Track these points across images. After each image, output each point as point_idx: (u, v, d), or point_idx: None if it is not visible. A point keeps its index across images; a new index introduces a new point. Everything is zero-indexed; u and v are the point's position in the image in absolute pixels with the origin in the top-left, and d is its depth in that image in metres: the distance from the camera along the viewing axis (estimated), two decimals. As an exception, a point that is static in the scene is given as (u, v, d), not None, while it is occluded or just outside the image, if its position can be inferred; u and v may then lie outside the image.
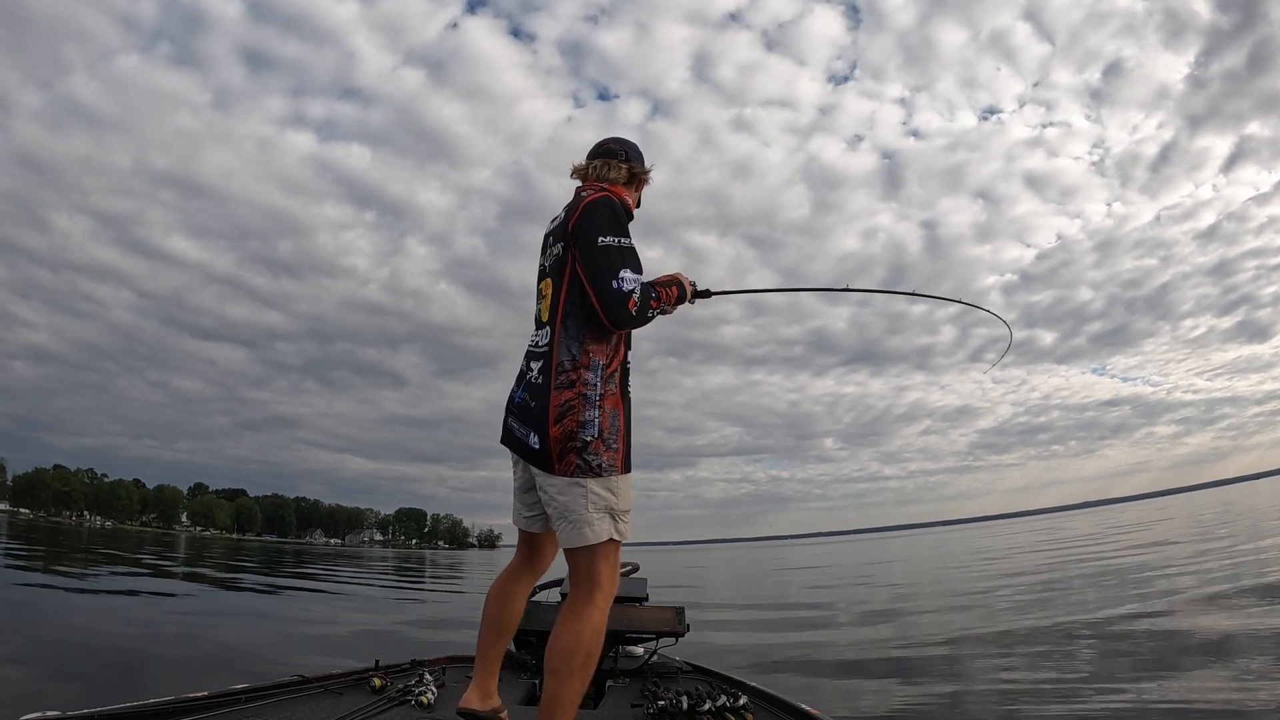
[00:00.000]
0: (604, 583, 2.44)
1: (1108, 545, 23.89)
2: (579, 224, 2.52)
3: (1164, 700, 4.83)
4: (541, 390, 2.47)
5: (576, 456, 2.40)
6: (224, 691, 3.04)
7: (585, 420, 2.41)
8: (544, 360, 2.51)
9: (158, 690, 3.06)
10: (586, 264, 2.47)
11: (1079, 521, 65.78)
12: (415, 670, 3.78)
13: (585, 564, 2.44)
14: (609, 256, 2.43)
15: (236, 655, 7.43)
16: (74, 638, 7.75)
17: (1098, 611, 9.10)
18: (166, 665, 6.73)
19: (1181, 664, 5.80)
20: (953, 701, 5.43)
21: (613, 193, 2.64)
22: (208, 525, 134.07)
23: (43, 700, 4.75)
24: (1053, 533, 45.26)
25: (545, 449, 2.42)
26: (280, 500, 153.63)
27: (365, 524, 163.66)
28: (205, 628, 9.52)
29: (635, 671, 4.20)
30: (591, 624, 2.39)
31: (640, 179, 2.85)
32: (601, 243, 2.45)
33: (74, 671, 6.04)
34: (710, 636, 9.04)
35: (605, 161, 2.79)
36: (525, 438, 2.51)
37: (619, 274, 2.41)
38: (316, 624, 11.24)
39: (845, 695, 5.86)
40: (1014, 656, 6.83)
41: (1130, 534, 29.97)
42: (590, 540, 2.40)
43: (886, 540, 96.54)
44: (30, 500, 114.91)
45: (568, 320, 2.50)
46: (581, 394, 2.43)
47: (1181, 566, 13.91)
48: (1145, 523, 40.88)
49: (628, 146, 2.86)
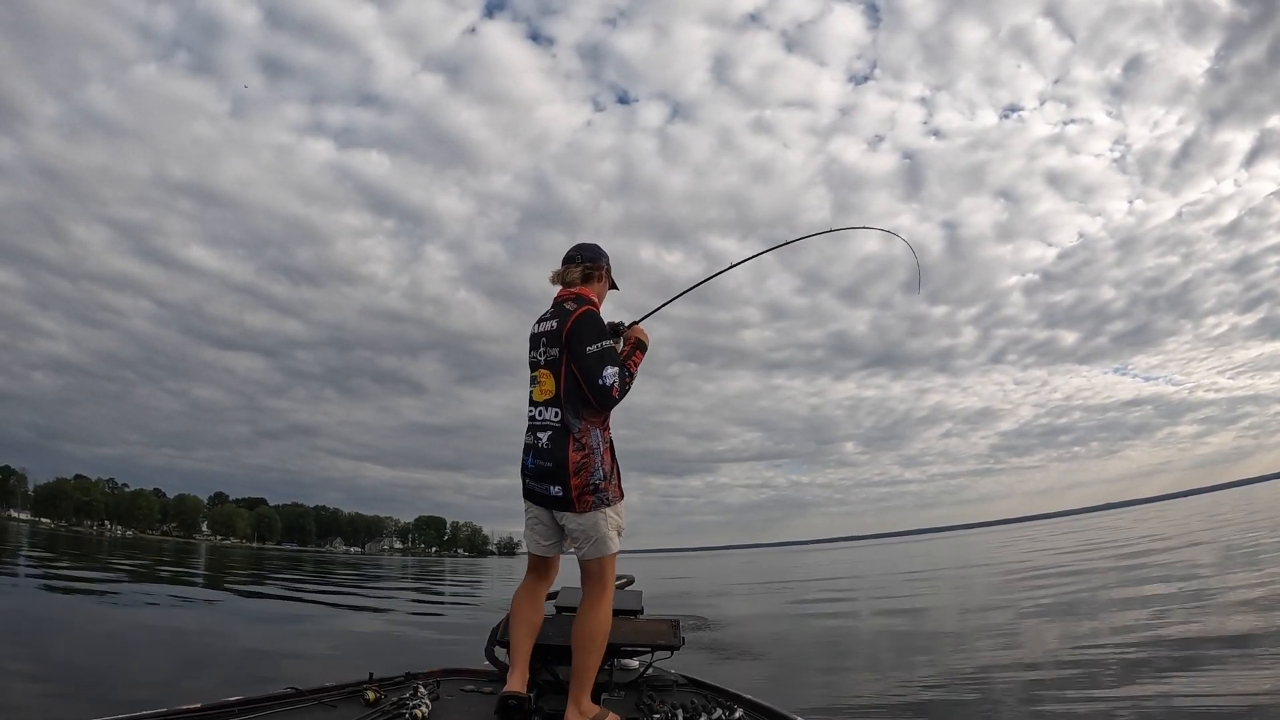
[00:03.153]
0: (608, 582, 3.42)
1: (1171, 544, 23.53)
2: (570, 336, 3.40)
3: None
4: (558, 454, 3.36)
5: (592, 495, 3.35)
6: (217, 704, 3.05)
7: (594, 469, 3.36)
8: (553, 431, 3.41)
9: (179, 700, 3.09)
10: (579, 367, 3.37)
11: (1110, 521, 64.94)
12: (410, 683, 3.76)
13: (598, 571, 3.40)
14: (596, 360, 3.35)
15: (237, 665, 7.46)
16: (89, 647, 7.82)
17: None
18: (169, 675, 6.77)
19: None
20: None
21: (589, 300, 3.56)
22: (228, 534, 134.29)
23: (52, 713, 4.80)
24: (1112, 531, 44.54)
25: (567, 496, 3.35)
26: (300, 509, 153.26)
27: (385, 532, 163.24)
28: (215, 636, 9.58)
29: (631, 684, 4.17)
30: (605, 611, 3.38)
31: (597, 273, 3.70)
32: (589, 351, 3.35)
33: (88, 682, 6.08)
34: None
35: (567, 268, 3.68)
36: (546, 491, 3.42)
37: (603, 373, 3.34)
38: (322, 634, 11.26)
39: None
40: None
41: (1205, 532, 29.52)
42: (609, 551, 3.39)
43: (908, 544, 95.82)
44: (52, 510, 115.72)
45: (568, 402, 3.39)
46: (589, 452, 3.36)
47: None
48: (1207, 518, 40.25)
49: (584, 250, 3.73)
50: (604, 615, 3.37)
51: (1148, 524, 46.80)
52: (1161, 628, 7.89)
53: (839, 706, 5.81)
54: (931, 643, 8.91)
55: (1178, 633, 7.48)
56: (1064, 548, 30.56)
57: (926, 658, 7.81)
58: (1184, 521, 40.99)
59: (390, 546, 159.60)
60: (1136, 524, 50.48)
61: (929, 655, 7.94)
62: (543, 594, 3.68)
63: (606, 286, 3.80)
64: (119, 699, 5.30)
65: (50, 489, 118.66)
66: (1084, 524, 76.25)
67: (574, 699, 3.26)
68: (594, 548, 3.39)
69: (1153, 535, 30.43)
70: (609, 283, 3.81)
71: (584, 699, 3.27)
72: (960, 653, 7.81)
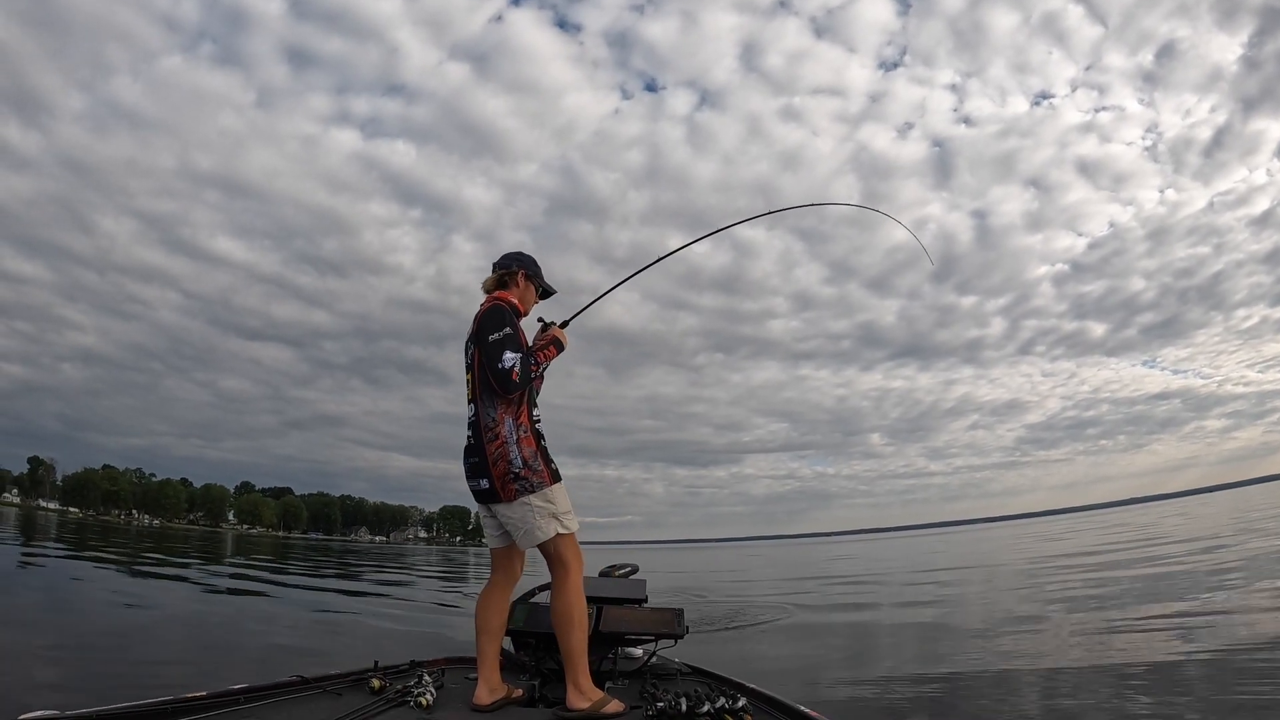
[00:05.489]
0: (569, 562, 3.48)
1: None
2: (477, 330, 3.60)
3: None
4: (478, 449, 3.51)
5: (514, 482, 3.43)
6: (222, 691, 3.09)
7: (511, 459, 3.44)
8: (474, 429, 3.55)
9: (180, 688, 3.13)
10: (482, 354, 3.52)
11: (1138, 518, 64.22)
12: (414, 671, 3.82)
13: (552, 553, 3.49)
14: (496, 347, 3.46)
15: (243, 652, 7.54)
16: (110, 630, 7.95)
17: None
18: (184, 661, 6.85)
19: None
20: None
21: (501, 300, 3.71)
22: (254, 523, 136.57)
23: (72, 695, 4.87)
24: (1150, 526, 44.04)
25: (493, 487, 3.47)
26: (326, 498, 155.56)
27: (410, 521, 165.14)
28: (222, 623, 9.69)
29: (634, 673, 4.21)
30: (573, 589, 3.44)
31: (511, 277, 3.83)
32: (491, 339, 3.48)
33: (101, 669, 6.17)
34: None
35: (486, 278, 3.88)
36: (478, 485, 3.56)
37: (502, 357, 3.43)
38: (332, 622, 11.37)
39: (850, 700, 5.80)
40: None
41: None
42: (539, 539, 3.45)
43: (932, 537, 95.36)
44: (80, 500, 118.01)
45: (482, 397, 3.53)
46: (503, 443, 3.45)
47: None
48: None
49: (504, 258, 3.88)
50: (571, 594, 3.43)
51: (1173, 520, 46.21)
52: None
53: (839, 698, 5.79)
54: (947, 637, 8.86)
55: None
56: (1120, 542, 30.18)
57: (938, 651, 7.76)
58: (1212, 518, 40.42)
59: (415, 536, 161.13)
60: (1160, 520, 49.86)
61: (941, 649, 7.89)
62: (505, 593, 3.74)
63: (529, 290, 3.89)
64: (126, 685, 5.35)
65: (78, 479, 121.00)
66: (1116, 519, 75.36)
67: (572, 681, 3.36)
68: (525, 537, 3.48)
69: (1187, 533, 29.94)
70: (536, 288, 3.92)
71: (581, 679, 3.36)
72: (972, 650, 7.75)
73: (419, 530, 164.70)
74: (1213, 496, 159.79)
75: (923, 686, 6.02)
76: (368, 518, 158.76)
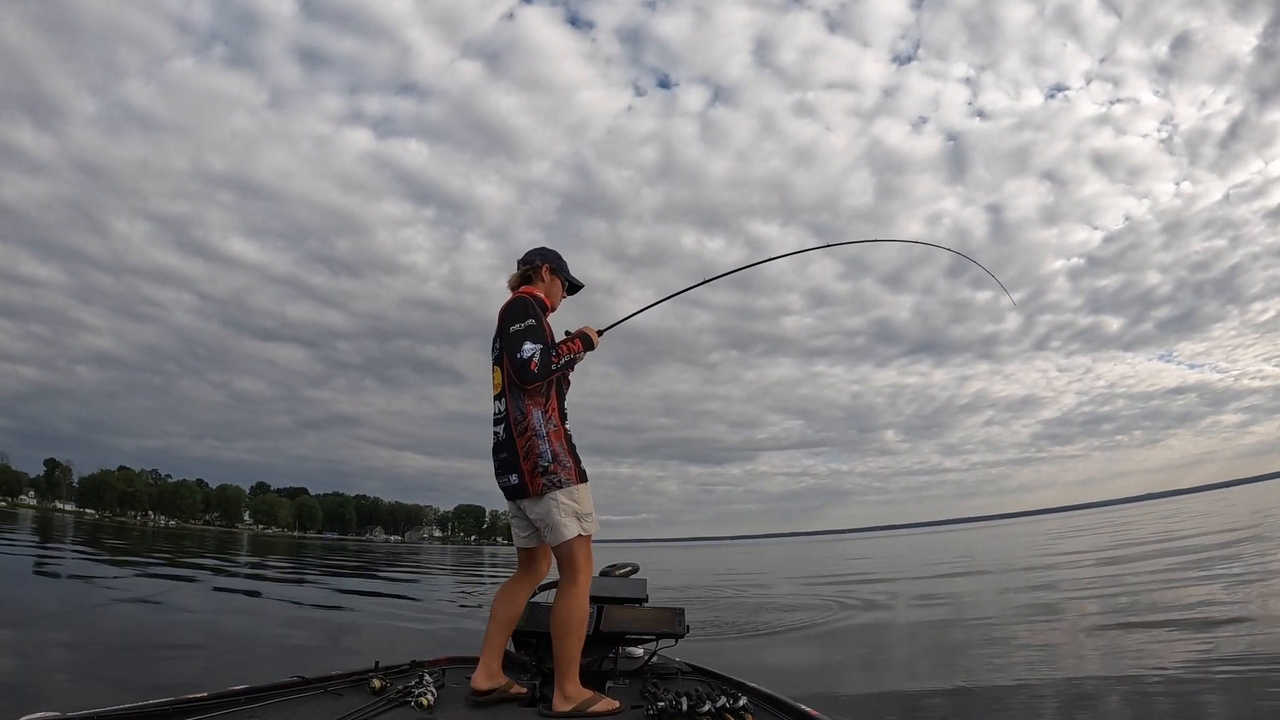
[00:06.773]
0: (581, 567, 3.46)
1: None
2: (500, 323, 3.62)
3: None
4: (508, 443, 3.52)
5: (543, 477, 3.43)
6: (223, 692, 3.10)
7: (541, 452, 3.44)
8: (504, 423, 3.55)
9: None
10: (504, 345, 3.54)
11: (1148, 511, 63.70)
12: (415, 671, 3.83)
13: (566, 556, 3.46)
14: (517, 337, 3.46)
15: (244, 652, 7.57)
16: (123, 632, 8.00)
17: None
18: (192, 660, 6.89)
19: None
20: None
21: (525, 294, 3.69)
22: (269, 523, 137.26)
23: (75, 696, 4.90)
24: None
25: (523, 482, 3.46)
26: (341, 498, 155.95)
27: (425, 521, 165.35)
28: (225, 625, 9.75)
29: (635, 672, 4.22)
30: (577, 597, 3.43)
31: (535, 272, 3.83)
32: (512, 330, 3.48)
33: (112, 670, 6.21)
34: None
35: (510, 276, 3.88)
36: (507, 482, 3.54)
37: (522, 347, 3.42)
38: (334, 622, 11.41)
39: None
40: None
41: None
42: (565, 536, 3.41)
43: (948, 534, 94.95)
44: (96, 501, 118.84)
45: (511, 391, 3.53)
46: (533, 434, 3.46)
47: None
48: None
49: (527, 254, 3.90)
50: (575, 601, 3.42)
51: (1195, 515, 45.82)
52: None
53: (840, 695, 5.77)
54: (958, 636, 8.81)
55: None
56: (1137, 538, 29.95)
57: (948, 651, 7.73)
58: (1231, 514, 40.04)
59: (430, 535, 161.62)
60: (1177, 514, 49.44)
61: (951, 649, 7.85)
62: (525, 590, 3.75)
63: (555, 284, 3.89)
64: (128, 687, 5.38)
65: (94, 480, 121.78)
66: (1134, 514, 74.84)
67: (558, 685, 3.37)
68: (551, 534, 3.46)
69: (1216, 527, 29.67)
70: (562, 281, 3.93)
71: (568, 684, 3.36)
72: (982, 651, 7.71)
73: (434, 529, 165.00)
74: (1230, 492, 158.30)
75: (925, 689, 5.99)
76: (383, 517, 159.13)
